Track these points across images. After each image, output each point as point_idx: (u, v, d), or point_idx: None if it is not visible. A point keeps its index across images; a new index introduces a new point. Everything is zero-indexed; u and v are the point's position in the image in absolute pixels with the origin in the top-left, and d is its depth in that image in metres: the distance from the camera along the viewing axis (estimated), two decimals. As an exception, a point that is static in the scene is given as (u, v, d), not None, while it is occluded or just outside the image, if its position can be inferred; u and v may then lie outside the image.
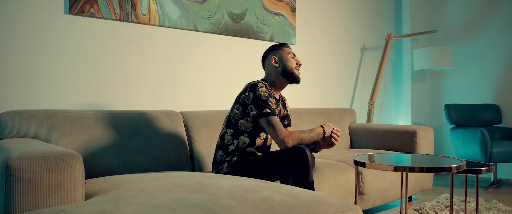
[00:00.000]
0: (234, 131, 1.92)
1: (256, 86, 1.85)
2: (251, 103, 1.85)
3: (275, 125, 1.81)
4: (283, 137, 1.80)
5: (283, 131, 1.81)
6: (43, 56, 2.10)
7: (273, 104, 1.89)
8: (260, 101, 1.83)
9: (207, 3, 2.69)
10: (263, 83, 1.89)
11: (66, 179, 1.34)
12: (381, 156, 1.96)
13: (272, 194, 1.32)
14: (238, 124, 1.92)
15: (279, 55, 2.01)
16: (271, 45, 2.08)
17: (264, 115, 1.82)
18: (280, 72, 1.99)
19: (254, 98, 1.84)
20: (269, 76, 2.03)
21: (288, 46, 2.06)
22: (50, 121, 1.89)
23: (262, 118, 1.84)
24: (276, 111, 1.88)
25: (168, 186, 1.40)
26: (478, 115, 3.74)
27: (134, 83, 2.42)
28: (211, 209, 1.14)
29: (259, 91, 1.84)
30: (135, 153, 2.05)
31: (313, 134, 1.88)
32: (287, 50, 2.03)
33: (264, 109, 1.82)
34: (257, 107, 1.84)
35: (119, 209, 1.16)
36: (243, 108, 1.89)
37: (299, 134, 1.84)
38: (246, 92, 1.87)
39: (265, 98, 1.84)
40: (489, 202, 2.77)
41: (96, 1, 2.23)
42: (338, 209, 1.30)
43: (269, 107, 1.83)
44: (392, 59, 4.18)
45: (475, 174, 1.77)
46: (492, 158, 3.18)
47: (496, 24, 3.89)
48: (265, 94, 1.86)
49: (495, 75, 3.90)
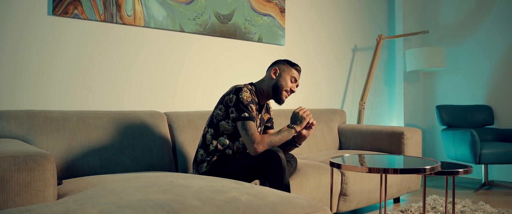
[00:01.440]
0: (214, 131, 1.94)
1: (241, 90, 1.88)
2: (233, 106, 1.87)
3: (249, 129, 1.83)
4: (253, 143, 1.82)
5: (256, 136, 1.83)
6: (26, 57, 2.12)
7: (254, 110, 1.90)
8: (241, 105, 1.86)
9: (193, 4, 2.70)
10: (247, 89, 1.91)
11: (36, 179, 1.36)
12: (359, 157, 1.96)
13: (240, 195, 1.33)
14: (219, 124, 1.93)
15: (282, 70, 2.03)
16: (288, 59, 2.09)
17: (242, 118, 1.84)
18: (272, 84, 2.01)
19: (236, 101, 1.87)
20: (262, 83, 2.05)
21: (297, 70, 2.06)
22: (31, 121, 1.91)
23: (239, 121, 1.86)
24: (255, 117, 1.89)
25: (138, 186, 1.41)
26: (470, 116, 3.72)
27: (119, 85, 2.43)
28: (174, 209, 1.15)
29: (242, 95, 1.87)
30: (117, 153, 2.07)
31: (282, 134, 1.90)
32: (293, 72, 2.03)
33: (243, 113, 1.85)
34: (237, 110, 1.86)
35: (84, 209, 1.17)
36: (226, 109, 1.91)
37: (268, 138, 1.86)
38: (230, 94, 1.90)
39: (247, 103, 1.87)
40: (476, 204, 2.76)
41: (80, 2, 2.24)
42: (306, 210, 1.30)
43: (249, 112, 1.85)
44: (384, 59, 4.18)
45: (452, 175, 1.76)
46: (482, 159, 3.17)
47: (489, 24, 3.88)
48: (248, 99, 1.88)
49: (488, 76, 3.88)
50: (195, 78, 2.76)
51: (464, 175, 1.78)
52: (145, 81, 2.53)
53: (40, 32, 2.16)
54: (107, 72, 2.39)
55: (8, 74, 2.07)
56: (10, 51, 2.07)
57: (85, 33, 2.30)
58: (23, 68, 2.11)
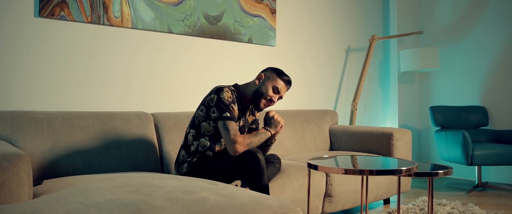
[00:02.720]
0: (196, 132, 1.95)
1: (222, 90, 1.89)
2: (214, 105, 1.89)
3: (230, 129, 1.84)
4: (234, 143, 1.83)
5: (237, 137, 1.84)
6: (12, 58, 2.14)
7: (235, 110, 1.91)
8: (222, 105, 1.87)
9: (182, 5, 2.71)
10: (229, 89, 1.92)
11: (10, 179, 1.37)
12: (338, 159, 1.96)
13: (210, 195, 1.33)
14: (201, 125, 1.94)
15: (267, 77, 2.01)
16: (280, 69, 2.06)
17: (223, 118, 1.85)
18: (254, 90, 2.01)
19: (217, 101, 1.88)
20: (247, 87, 2.05)
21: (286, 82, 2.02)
22: (15, 121, 1.93)
23: (220, 121, 1.87)
24: (236, 117, 1.90)
25: (111, 186, 1.42)
26: (464, 117, 3.70)
27: (106, 86, 2.45)
28: (140, 209, 1.16)
29: (223, 95, 1.88)
30: (101, 154, 2.08)
31: (260, 135, 1.92)
32: (278, 82, 2.00)
33: (224, 113, 1.86)
34: (218, 109, 1.87)
35: (51, 208, 1.18)
36: (207, 110, 1.92)
37: (248, 139, 1.87)
38: (212, 94, 1.91)
39: (228, 103, 1.87)
40: (466, 205, 2.74)
41: (66, 4, 2.26)
42: (275, 211, 1.31)
43: (230, 112, 1.86)
44: (379, 60, 4.17)
45: (430, 177, 1.76)
46: (474, 161, 3.15)
47: (483, 25, 3.85)
48: (229, 99, 1.89)
49: (482, 77, 3.86)
50: (184, 80, 2.77)
51: (444, 176, 1.78)
52: (133, 83, 2.55)
53: (26, 34, 2.18)
54: (94, 74, 2.40)
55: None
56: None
57: (72, 35, 2.32)
58: (9, 69, 2.14)
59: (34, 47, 2.20)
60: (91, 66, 2.39)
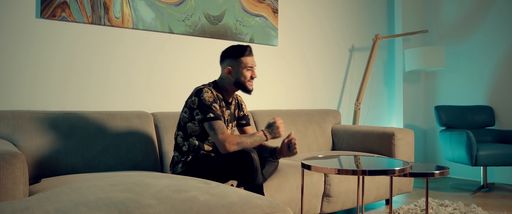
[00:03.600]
0: (183, 133, 1.98)
1: (201, 91, 1.90)
2: (197, 108, 1.90)
3: (217, 129, 1.86)
4: (224, 141, 1.84)
5: (225, 135, 1.85)
6: (14, 59, 2.19)
7: (218, 109, 1.91)
8: (204, 106, 1.88)
9: (183, 5, 2.73)
10: (208, 89, 1.93)
11: (5, 177, 1.40)
12: (332, 159, 1.95)
13: (200, 194, 1.34)
14: (187, 126, 1.97)
15: (234, 66, 2.00)
16: (230, 48, 2.02)
17: (208, 119, 1.87)
18: (232, 82, 2.02)
19: (199, 103, 1.90)
20: (222, 81, 2.05)
21: (247, 53, 2.00)
22: (16, 121, 1.97)
23: (205, 122, 1.88)
24: (220, 115, 1.91)
25: (104, 185, 1.44)
26: (470, 117, 3.65)
27: (107, 86, 2.48)
28: (127, 207, 1.18)
29: (203, 96, 1.89)
30: (101, 153, 2.11)
31: (254, 138, 1.92)
32: (244, 62, 1.99)
33: (208, 114, 1.87)
34: (202, 111, 1.89)
35: (42, 206, 1.20)
36: (190, 111, 1.94)
37: (239, 138, 1.88)
38: (193, 97, 1.93)
39: (209, 103, 1.89)
40: (468, 206, 2.71)
41: (67, 5, 2.30)
42: (264, 211, 1.31)
43: (213, 112, 1.88)
44: (384, 59, 4.13)
45: (425, 177, 1.74)
46: (478, 161, 3.11)
47: (490, 23, 3.80)
48: (210, 99, 1.90)
49: (489, 76, 3.80)
50: (184, 79, 2.79)
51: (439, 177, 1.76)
52: (133, 83, 2.57)
53: (28, 34, 2.22)
54: (95, 74, 2.44)
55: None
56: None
57: (73, 36, 2.35)
58: (10, 69, 2.18)
59: (35, 47, 2.24)
60: (92, 66, 2.42)
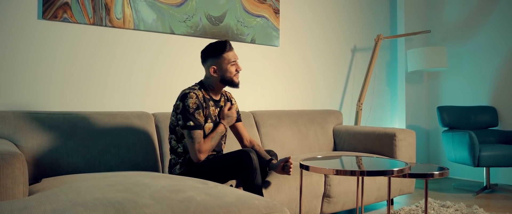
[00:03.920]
0: (175, 136, 2.00)
1: (187, 96, 1.90)
2: (180, 113, 1.91)
3: (195, 138, 1.87)
4: (198, 151, 1.87)
5: (200, 145, 1.88)
6: (15, 59, 2.21)
7: (201, 117, 1.91)
8: (186, 113, 1.89)
9: (184, 6, 2.74)
10: (194, 93, 1.91)
11: (5, 176, 1.42)
12: (331, 159, 1.95)
13: (198, 194, 1.35)
14: (176, 129, 1.98)
15: (218, 64, 1.99)
16: (209, 46, 2.01)
17: (187, 127, 1.88)
18: (219, 80, 2.02)
19: (182, 109, 1.90)
20: (208, 80, 2.05)
21: (228, 48, 1.99)
22: (18, 121, 1.98)
23: (184, 129, 1.90)
24: (201, 125, 1.90)
25: (103, 185, 1.45)
26: (473, 117, 3.63)
27: (108, 86, 2.49)
28: (124, 207, 1.18)
29: (187, 102, 1.89)
30: (102, 153, 2.12)
31: (217, 135, 1.95)
32: (227, 58, 1.98)
33: (188, 122, 1.88)
34: (183, 118, 1.90)
35: (40, 206, 1.21)
36: (176, 115, 1.96)
37: (209, 143, 1.91)
38: (178, 101, 1.94)
39: (192, 110, 1.88)
40: (470, 208, 2.69)
41: (69, 6, 2.31)
42: (261, 211, 1.31)
43: (194, 120, 1.88)
44: (386, 60, 4.12)
45: (424, 178, 1.73)
46: (481, 162, 3.09)
47: (493, 23, 3.77)
48: (193, 106, 1.89)
49: (492, 76, 3.78)
50: (185, 80, 2.80)
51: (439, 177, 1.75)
52: (134, 83, 2.59)
53: (30, 35, 2.24)
54: (96, 74, 2.45)
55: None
56: (1, 55, 2.16)
57: (74, 37, 2.37)
58: (12, 70, 2.20)
59: (37, 48, 2.26)
60: (93, 67, 2.44)
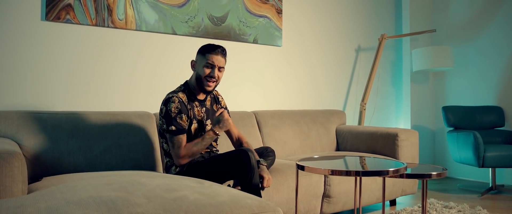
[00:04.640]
0: (165, 139, 2.01)
1: (169, 100, 1.92)
2: (163, 117, 1.94)
3: (175, 143, 1.89)
4: (179, 156, 1.89)
5: (181, 150, 1.89)
6: (19, 60, 2.25)
7: (183, 122, 1.91)
8: (168, 118, 1.91)
9: (186, 7, 2.76)
10: (177, 97, 1.92)
11: (4, 175, 1.45)
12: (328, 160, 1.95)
13: (191, 193, 1.36)
14: (165, 133, 1.99)
15: (196, 60, 2.02)
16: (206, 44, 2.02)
17: (169, 131, 1.90)
18: (195, 77, 2.03)
19: (165, 113, 1.93)
20: (191, 79, 2.07)
21: (216, 52, 1.97)
22: (20, 121, 2.02)
23: (167, 133, 1.92)
24: (183, 129, 1.91)
25: (99, 184, 1.47)
26: (479, 118, 3.59)
27: (110, 87, 2.52)
28: (116, 206, 1.20)
29: (170, 107, 1.91)
30: (103, 152, 2.15)
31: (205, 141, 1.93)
32: (208, 58, 1.96)
33: (170, 126, 1.90)
34: (166, 122, 1.92)
35: (36, 204, 1.24)
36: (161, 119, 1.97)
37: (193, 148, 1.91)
38: (162, 105, 1.96)
39: (174, 115, 1.90)
40: (473, 209, 2.66)
41: (72, 8, 2.35)
42: (253, 211, 1.32)
43: (176, 125, 1.89)
44: (391, 60, 4.09)
45: (422, 178, 1.72)
46: (485, 162, 3.05)
47: (499, 22, 3.72)
48: (175, 110, 1.90)
49: (499, 76, 3.73)
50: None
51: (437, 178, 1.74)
52: (136, 83, 2.61)
53: (33, 36, 2.28)
54: (98, 75, 2.48)
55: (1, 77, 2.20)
56: (4, 56, 2.20)
57: (77, 37, 2.40)
58: (15, 70, 2.24)
59: (40, 49, 2.30)
60: (95, 67, 2.47)
